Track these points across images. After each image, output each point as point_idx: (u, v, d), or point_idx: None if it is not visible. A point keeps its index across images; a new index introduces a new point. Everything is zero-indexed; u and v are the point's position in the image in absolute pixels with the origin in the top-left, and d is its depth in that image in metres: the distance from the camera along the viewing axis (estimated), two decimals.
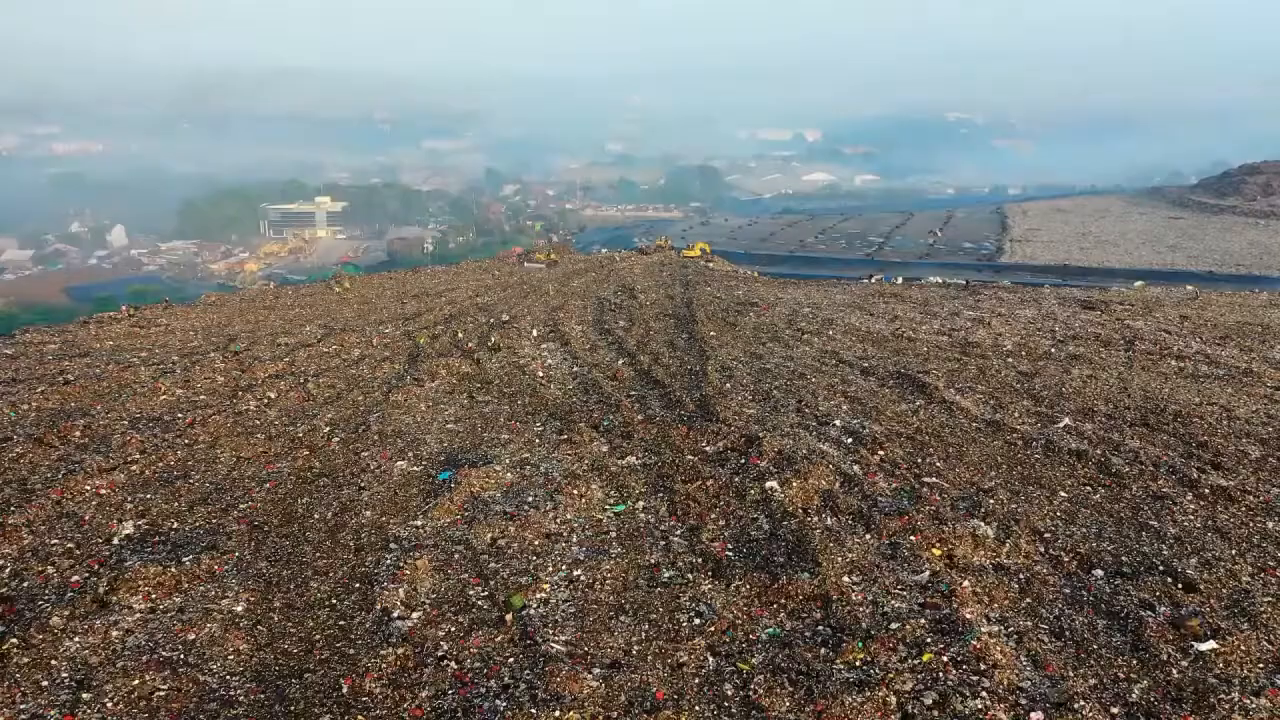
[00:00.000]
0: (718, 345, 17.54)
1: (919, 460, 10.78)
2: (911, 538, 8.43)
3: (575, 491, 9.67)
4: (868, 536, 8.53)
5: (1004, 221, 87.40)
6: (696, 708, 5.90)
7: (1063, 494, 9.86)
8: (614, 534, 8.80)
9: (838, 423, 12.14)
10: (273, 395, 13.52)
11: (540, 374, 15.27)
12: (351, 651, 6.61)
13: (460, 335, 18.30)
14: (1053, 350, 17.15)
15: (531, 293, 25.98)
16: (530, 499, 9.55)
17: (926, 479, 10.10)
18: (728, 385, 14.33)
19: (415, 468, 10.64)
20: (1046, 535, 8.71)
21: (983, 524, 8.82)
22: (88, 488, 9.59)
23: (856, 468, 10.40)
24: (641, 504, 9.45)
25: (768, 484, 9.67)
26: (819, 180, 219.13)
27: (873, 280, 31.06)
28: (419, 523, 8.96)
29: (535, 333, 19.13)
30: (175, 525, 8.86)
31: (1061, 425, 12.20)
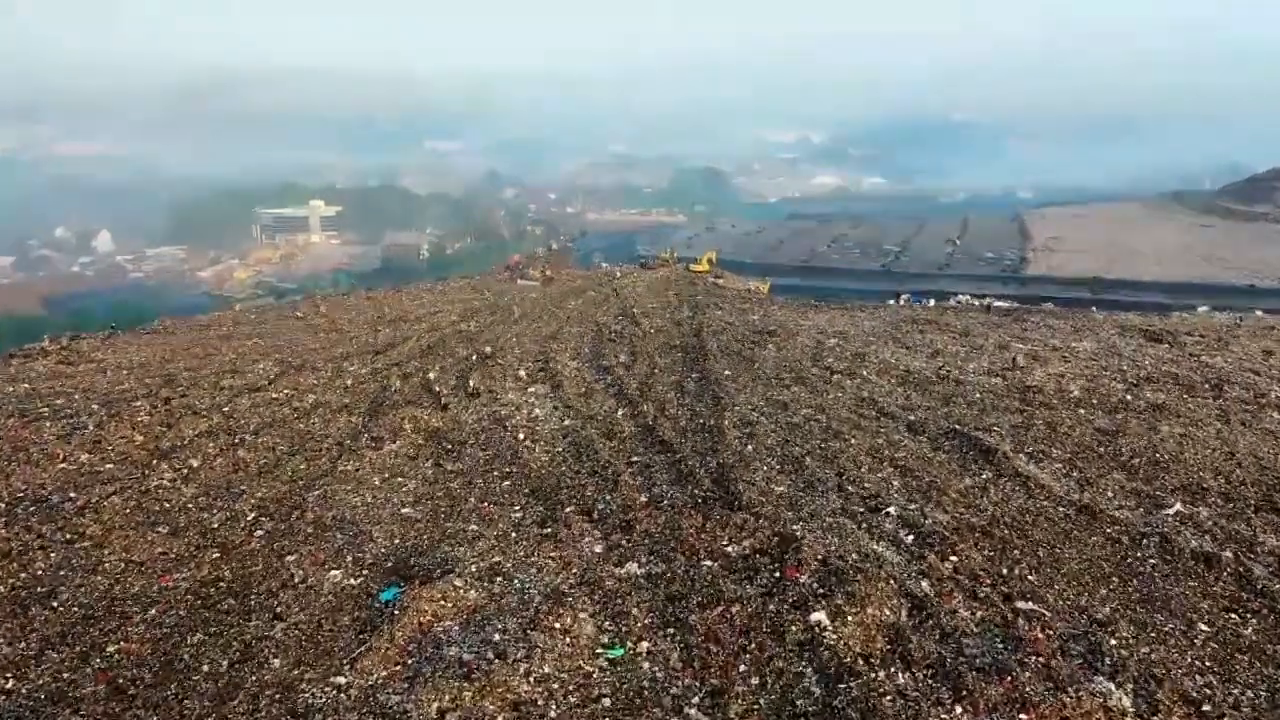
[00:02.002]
0: (734, 389, 15.28)
1: (1004, 570, 8.51)
2: (1022, 717, 6.14)
3: (557, 625, 7.41)
4: (959, 711, 6.25)
5: (1024, 229, 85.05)
6: None
7: (1203, 627, 7.59)
8: (608, 699, 6.54)
9: (892, 510, 9.86)
10: (195, 463, 11.30)
11: (524, 431, 13.02)
12: None
13: (434, 376, 16.07)
14: (1129, 398, 14.85)
15: (523, 317, 23.76)
16: (497, 637, 7.29)
17: (1020, 603, 7.84)
18: (749, 448, 12.07)
19: (353, 579, 8.40)
20: (1205, 707, 6.42)
21: (1113, 686, 6.55)
22: None
23: (925, 584, 8.12)
24: (645, 645, 7.20)
25: (813, 616, 7.41)
26: (826, 184, 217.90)
27: (901, 302, 28.83)
28: (342, 680, 6.70)
29: (523, 371, 16.91)
30: (8, 686, 6.61)
31: (1172, 512, 9.91)
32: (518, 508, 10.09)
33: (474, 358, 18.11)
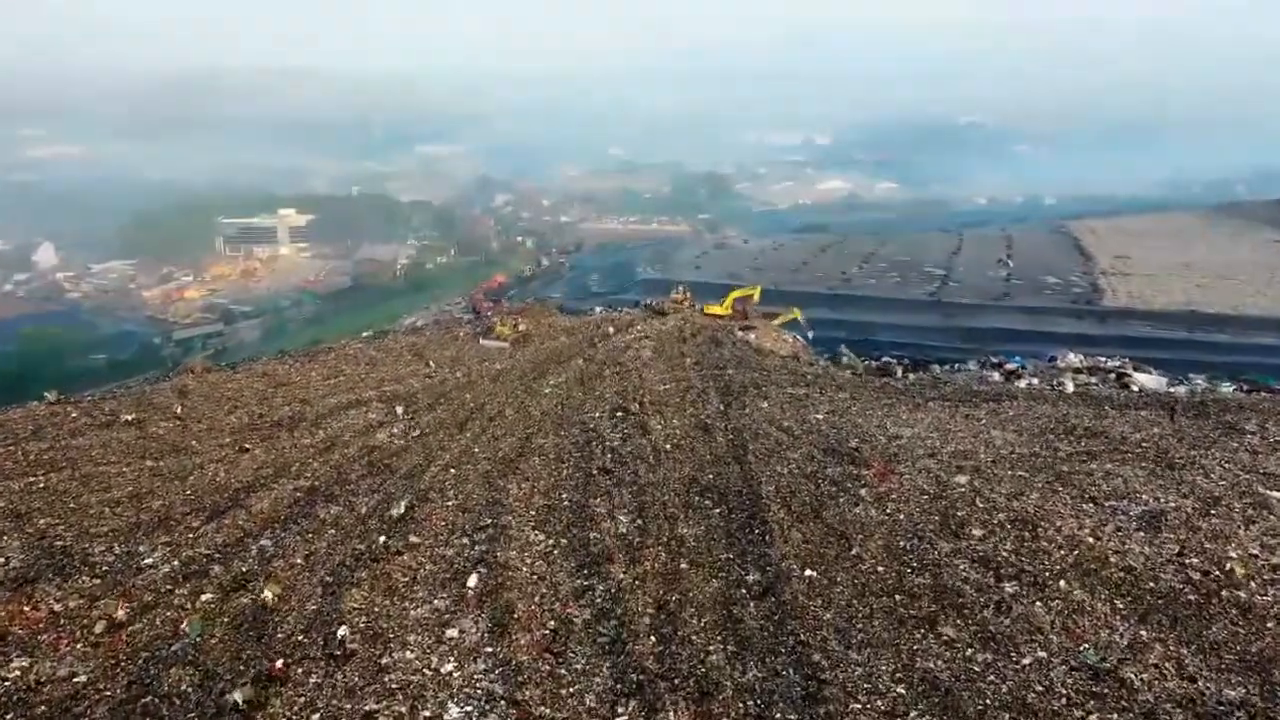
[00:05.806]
0: (836, 637, 8.51)
1: None
2: None
3: None
4: None
5: (1080, 246, 78.23)
6: None
7: None
8: None
9: None
10: None
11: None
12: None
13: (279, 594, 9.26)
14: None
15: (475, 414, 16.97)
16: None
17: None
18: None
19: None
20: None
21: None
22: None
23: None
24: None
25: None
26: (836, 189, 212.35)
27: (1019, 383, 21.76)
28: None
29: (449, 552, 10.15)
30: None
31: None
32: None
33: (375, 524, 11.32)
